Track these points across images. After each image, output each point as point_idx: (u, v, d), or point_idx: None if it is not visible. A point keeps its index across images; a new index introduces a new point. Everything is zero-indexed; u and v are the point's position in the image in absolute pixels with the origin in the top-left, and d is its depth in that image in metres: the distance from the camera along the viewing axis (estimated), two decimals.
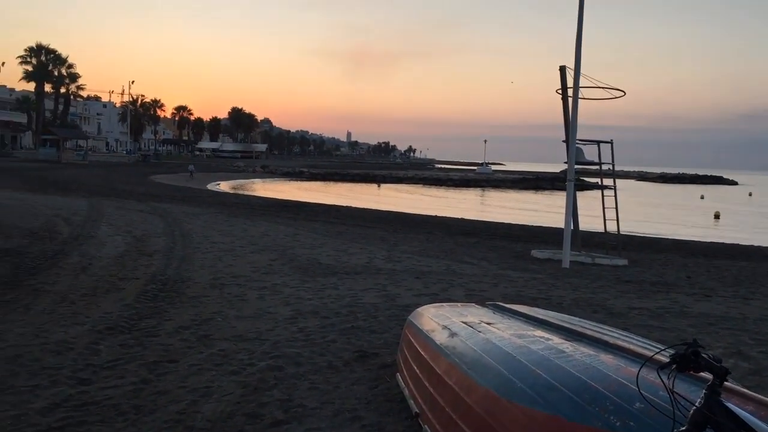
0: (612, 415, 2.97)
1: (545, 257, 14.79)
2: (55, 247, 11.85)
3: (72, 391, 4.89)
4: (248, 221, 19.60)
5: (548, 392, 3.32)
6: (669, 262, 15.60)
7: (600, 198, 16.08)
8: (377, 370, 5.72)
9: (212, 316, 7.41)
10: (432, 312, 5.52)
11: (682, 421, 2.22)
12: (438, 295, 9.11)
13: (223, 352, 6.05)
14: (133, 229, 15.32)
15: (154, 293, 8.48)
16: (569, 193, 14.18)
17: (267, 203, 31.49)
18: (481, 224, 26.43)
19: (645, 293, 10.30)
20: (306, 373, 5.55)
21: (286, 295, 8.73)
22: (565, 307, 8.60)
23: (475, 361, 3.98)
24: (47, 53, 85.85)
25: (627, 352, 3.72)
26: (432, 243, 16.96)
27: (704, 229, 31.45)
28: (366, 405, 4.86)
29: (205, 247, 13.11)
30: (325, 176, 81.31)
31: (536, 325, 4.65)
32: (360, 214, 27.94)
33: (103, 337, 6.33)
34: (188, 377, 5.33)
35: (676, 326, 7.85)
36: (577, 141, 14.49)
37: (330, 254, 12.98)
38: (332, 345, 6.42)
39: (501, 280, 10.93)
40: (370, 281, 10.09)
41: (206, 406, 4.70)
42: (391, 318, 7.66)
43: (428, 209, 35.13)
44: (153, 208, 22.78)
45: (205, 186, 49.66)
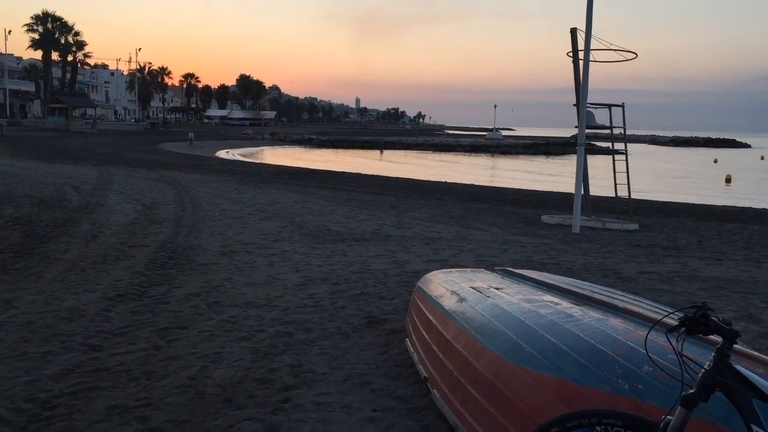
0: (620, 379, 2.97)
1: (555, 222, 14.74)
2: (65, 216, 11.90)
3: (84, 357, 4.93)
4: (257, 189, 19.61)
5: (557, 357, 3.31)
6: (680, 226, 15.51)
7: (611, 162, 15.95)
8: (386, 335, 5.73)
9: (222, 283, 7.43)
10: (441, 277, 5.52)
11: (691, 384, 2.20)
12: (448, 261, 9.10)
13: (233, 319, 6.08)
14: (143, 197, 15.36)
15: (163, 261, 8.52)
16: (579, 158, 14.06)
17: (276, 170, 31.46)
18: (491, 190, 26.35)
19: (655, 257, 10.26)
20: (315, 339, 5.57)
21: (295, 262, 8.75)
22: (575, 272, 8.58)
23: (484, 326, 3.98)
24: (53, 21, 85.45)
25: (636, 315, 3.70)
26: (442, 209, 16.92)
27: (716, 193, 31.22)
28: (375, 370, 4.88)
29: (215, 214, 13.13)
30: (334, 143, 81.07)
31: (545, 289, 4.63)
32: (369, 181, 27.89)
33: (114, 304, 6.38)
34: (198, 343, 5.37)
35: (686, 290, 7.82)
36: (588, 105, 14.32)
37: (339, 221, 12.98)
38: (342, 311, 6.44)
39: (511, 245, 10.91)
40: (380, 247, 10.10)
41: (217, 372, 4.74)
42: (400, 284, 7.67)
43: (438, 175, 35.00)
44: (162, 176, 22.81)
45: (214, 153, 49.66)
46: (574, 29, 14.79)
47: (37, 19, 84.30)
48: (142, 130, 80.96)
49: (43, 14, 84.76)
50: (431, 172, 38.87)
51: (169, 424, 3.89)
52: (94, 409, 4.06)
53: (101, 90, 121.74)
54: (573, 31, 14.79)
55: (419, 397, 4.35)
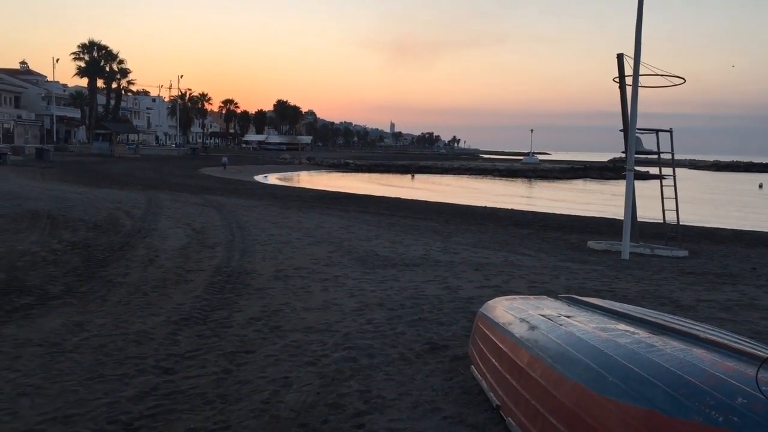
0: (713, 410, 2.95)
1: (602, 248, 14.60)
2: (120, 240, 12.19)
3: (158, 380, 5.05)
4: (301, 213, 19.82)
5: (642, 386, 3.30)
6: (731, 253, 15.25)
7: (658, 188, 15.80)
8: (449, 362, 5.75)
9: (280, 308, 7.53)
10: (506, 304, 5.53)
11: None
12: (500, 287, 9.09)
13: (296, 343, 6.16)
14: (192, 222, 15.64)
15: (221, 285, 8.67)
16: (629, 183, 13.96)
17: (317, 195, 31.76)
18: (531, 215, 26.20)
19: (711, 285, 10.10)
20: (380, 364, 5.62)
21: (349, 287, 8.83)
22: (631, 299, 8.50)
23: (561, 355, 3.98)
24: (99, 49, 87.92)
25: (719, 346, 3.67)
26: (485, 234, 16.90)
27: (764, 219, 30.59)
28: (444, 397, 4.90)
29: (263, 239, 13.31)
30: (370, 167, 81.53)
31: (617, 318, 4.62)
32: (408, 205, 27.98)
33: (180, 328, 6.51)
34: (266, 367, 5.45)
35: (748, 319, 7.69)
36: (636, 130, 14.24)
37: (386, 246, 13.05)
38: (402, 337, 6.48)
39: (561, 272, 10.85)
40: (430, 273, 10.13)
41: (288, 396, 4.81)
42: (456, 310, 7.68)
43: (477, 200, 34.95)
44: (207, 200, 23.21)
45: (253, 178, 50.34)
46: (621, 55, 14.76)
47: (83, 48, 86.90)
48: (183, 155, 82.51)
49: (89, 43, 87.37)
50: (470, 197, 38.85)
51: None
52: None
53: (143, 116, 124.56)
54: (620, 56, 14.77)
55: (492, 425, 4.36)
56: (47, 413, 4.38)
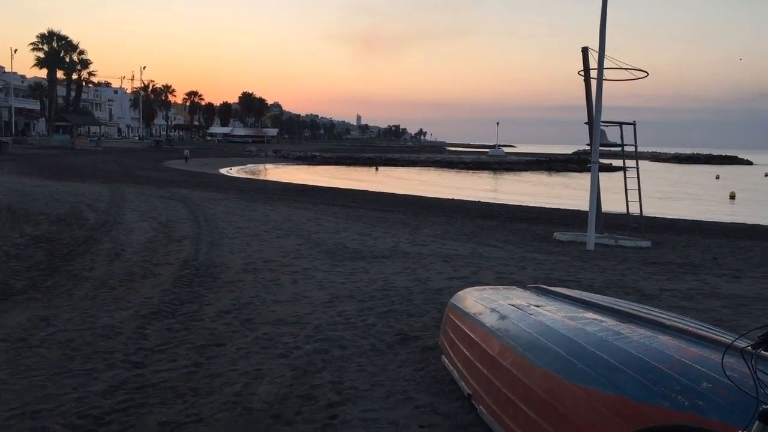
0: (679, 395, 3.04)
1: (568, 240, 14.81)
2: (84, 233, 12.00)
3: (128, 374, 5.00)
4: (268, 206, 19.71)
5: (611, 373, 3.38)
6: (692, 243, 15.59)
7: (621, 180, 16.07)
8: (420, 352, 5.80)
9: (250, 301, 7.51)
10: (476, 295, 5.60)
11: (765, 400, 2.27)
12: (469, 279, 9.18)
13: (267, 336, 6.16)
14: (158, 215, 15.46)
15: (189, 278, 8.60)
16: (594, 175, 14.17)
17: (284, 187, 31.60)
18: (498, 207, 26.44)
19: (673, 275, 10.33)
20: (351, 356, 5.64)
21: (319, 279, 8.83)
22: (597, 289, 8.65)
23: (531, 343, 4.05)
24: (59, 40, 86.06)
25: (685, 333, 3.77)
26: (453, 226, 17.00)
27: (722, 210, 31.31)
28: (416, 386, 4.95)
29: (231, 232, 13.23)
30: (337, 160, 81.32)
31: (585, 307, 4.71)
32: (376, 198, 28.02)
33: (149, 322, 6.45)
34: (238, 360, 5.44)
35: (709, 307, 7.89)
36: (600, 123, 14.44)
37: (355, 238, 13.06)
38: (373, 328, 6.51)
39: (528, 263, 10.99)
40: (399, 265, 10.17)
41: (261, 388, 4.80)
42: (426, 301, 7.74)
43: (444, 192, 35.13)
44: (172, 193, 22.94)
45: (219, 171, 49.87)
46: (585, 48, 14.95)
47: (42, 38, 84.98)
48: (147, 147, 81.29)
49: (48, 33, 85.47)
50: (437, 189, 39.02)
51: None
52: (147, 426, 4.13)
53: (105, 108, 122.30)
54: (585, 50, 14.96)
55: (464, 414, 4.42)
56: (15, 409, 4.31)
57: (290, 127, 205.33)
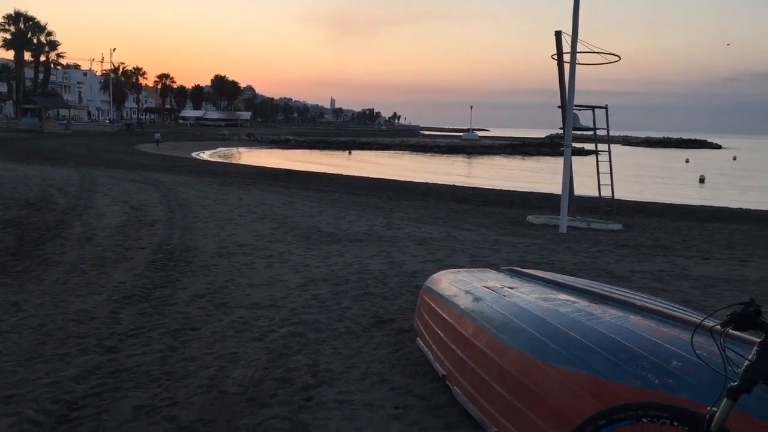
0: (650, 374, 3.09)
1: (541, 223, 14.94)
2: (55, 218, 11.83)
3: (101, 359, 4.96)
4: (242, 190, 19.59)
5: (583, 353, 3.43)
6: (662, 226, 15.82)
7: (593, 164, 16.21)
8: (395, 334, 5.83)
9: (225, 285, 7.48)
10: (450, 277, 5.63)
11: (733, 378, 2.32)
12: (443, 261, 9.22)
13: (242, 319, 6.14)
14: (129, 199, 15.29)
15: (162, 262, 8.53)
16: (567, 159, 14.28)
17: (258, 171, 31.40)
18: (472, 190, 26.58)
19: (644, 257, 10.48)
20: (327, 338, 5.65)
21: (294, 263, 8.81)
22: (569, 271, 8.75)
23: (505, 324, 4.09)
24: (26, 21, 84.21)
25: (655, 313, 3.84)
26: (427, 210, 17.06)
27: (692, 193, 31.80)
28: (391, 368, 4.97)
29: (204, 216, 13.13)
30: (311, 144, 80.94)
31: (558, 288, 4.76)
32: (351, 182, 27.99)
33: (122, 306, 6.39)
34: (213, 344, 5.42)
35: (679, 288, 8.03)
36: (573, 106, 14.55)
37: (329, 222, 13.05)
38: (348, 311, 6.52)
39: (502, 245, 11.07)
40: (374, 248, 10.19)
41: (236, 372, 4.80)
42: (401, 284, 7.77)
43: (418, 176, 35.18)
44: (144, 177, 22.69)
45: (192, 154, 49.36)
46: (558, 32, 15.00)
47: (9, 19, 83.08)
48: (117, 131, 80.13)
49: (15, 14, 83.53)
50: (411, 173, 39.06)
51: (198, 424, 3.95)
52: (121, 410, 4.11)
53: (74, 90, 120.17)
54: (558, 33, 15.01)
55: (439, 395, 4.46)
56: None
57: (263, 111, 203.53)
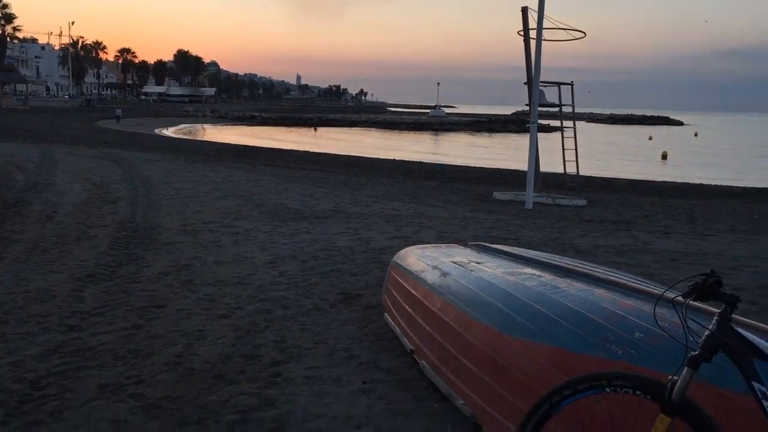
0: (613, 345, 3.15)
1: (508, 199, 15.06)
2: (14, 195, 11.55)
3: (64, 338, 4.88)
4: (207, 167, 19.36)
5: (549, 326, 3.48)
6: (626, 201, 16.07)
7: (559, 140, 16.36)
8: (363, 310, 5.84)
9: (191, 262, 7.39)
10: (418, 253, 5.65)
11: (693, 347, 2.37)
12: (411, 238, 9.25)
13: (208, 297, 6.09)
14: (91, 176, 15.01)
15: (126, 240, 8.40)
16: (533, 135, 14.38)
17: (223, 148, 31.07)
18: (439, 167, 26.66)
19: (607, 232, 10.64)
20: (294, 315, 5.64)
21: (260, 240, 8.76)
22: (535, 246, 8.83)
23: (472, 299, 4.12)
24: None
25: (619, 286, 3.90)
26: (394, 187, 17.08)
27: (655, 169, 32.31)
28: (359, 344, 4.99)
29: (169, 193, 12.95)
30: (277, 120, 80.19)
31: (524, 263, 4.81)
32: (318, 159, 27.87)
33: (85, 285, 6.29)
34: (179, 321, 5.37)
35: (641, 262, 8.17)
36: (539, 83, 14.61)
37: (296, 199, 12.98)
38: (315, 288, 6.51)
39: (469, 222, 11.14)
40: (342, 225, 10.17)
41: (202, 349, 4.76)
42: (368, 260, 7.77)
43: (385, 153, 35.14)
44: (105, 154, 22.30)
45: (155, 131, 48.58)
46: (525, 8, 15.03)
47: None
48: (78, 107, 78.35)
49: None
50: (378, 150, 38.99)
51: (165, 401, 3.92)
52: (85, 388, 4.05)
53: (32, 65, 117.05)
54: (524, 9, 15.03)
55: (406, 369, 4.48)
56: None
57: (228, 87, 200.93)
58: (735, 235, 10.74)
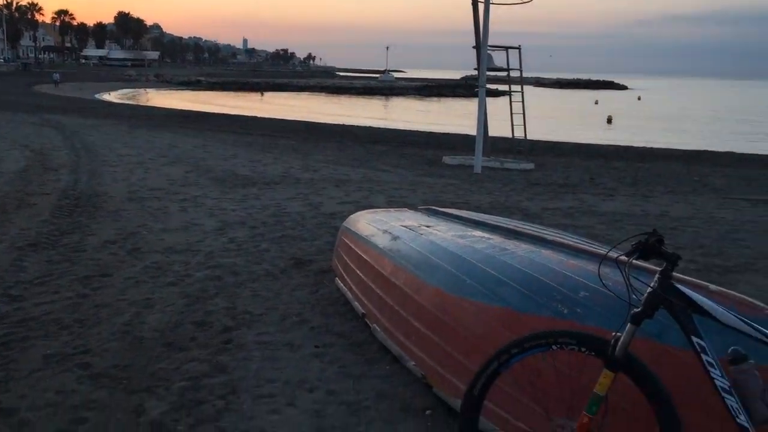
0: (559, 304, 3.22)
1: (457, 163, 15.16)
2: None
3: (7, 308, 4.75)
4: (152, 133, 18.92)
5: (497, 287, 3.53)
6: (571, 164, 16.36)
7: (506, 104, 16.48)
8: (314, 275, 5.84)
9: (137, 230, 7.25)
10: (368, 217, 5.65)
11: (636, 304, 2.45)
12: (361, 203, 9.24)
13: (156, 265, 5.99)
14: (30, 143, 14.52)
15: (69, 208, 8.18)
16: (481, 100, 14.44)
17: (169, 114, 30.36)
18: (388, 132, 26.61)
19: (554, 194, 10.84)
20: (245, 281, 5.60)
21: (209, 207, 8.64)
22: (483, 210, 8.93)
23: (422, 262, 4.15)
24: None
25: (565, 247, 3.98)
26: (344, 152, 17.00)
27: (600, 133, 32.91)
28: (310, 309, 4.99)
29: (113, 159, 12.63)
30: (223, 85, 78.65)
31: (474, 226, 4.86)
32: (266, 124, 27.52)
33: (27, 254, 6.12)
34: (126, 290, 5.28)
35: (587, 224, 8.36)
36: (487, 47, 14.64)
37: (245, 165, 12.82)
38: (266, 254, 6.47)
39: (419, 186, 11.19)
40: (292, 190, 10.10)
41: (151, 317, 4.70)
42: (319, 226, 7.75)
43: (335, 118, 34.88)
44: (45, 120, 21.58)
45: (97, 96, 47.14)
46: None
47: None
48: (13, 71, 75.30)
49: None
50: (328, 115, 38.66)
51: (113, 369, 3.86)
52: (30, 359, 3.96)
53: None
54: None
55: (358, 332, 4.52)
56: None
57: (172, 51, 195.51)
58: (676, 197, 11.07)
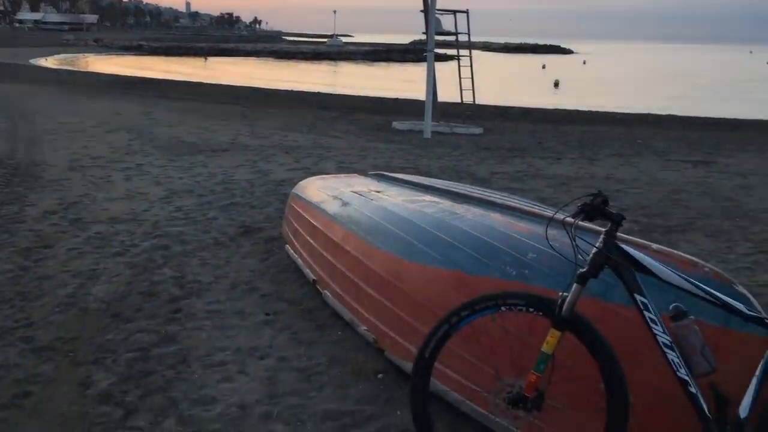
0: (508, 266, 3.26)
1: (406, 129, 15.14)
2: None
3: None
4: (94, 100, 18.38)
5: (447, 251, 3.55)
6: (520, 129, 16.51)
7: (455, 69, 16.46)
8: (264, 243, 5.79)
9: (79, 200, 7.06)
10: (318, 184, 5.61)
11: (581, 265, 2.49)
12: (310, 169, 9.17)
13: (100, 235, 5.85)
14: None
15: (6, 178, 7.92)
16: (430, 64, 14.39)
17: (110, 80, 29.47)
18: (337, 98, 26.39)
19: (503, 159, 10.94)
20: (193, 250, 5.52)
21: (154, 175, 8.45)
22: (433, 174, 8.98)
23: (373, 228, 4.15)
24: None
25: (513, 210, 4.02)
26: (293, 118, 16.80)
27: (547, 97, 33.24)
28: (260, 276, 4.96)
29: (52, 127, 12.23)
30: (166, 50, 76.53)
31: (423, 190, 4.86)
32: (213, 90, 27.01)
33: None
34: (69, 261, 5.15)
35: (534, 187, 8.48)
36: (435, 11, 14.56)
37: (192, 132, 12.56)
38: (214, 222, 6.38)
39: (369, 152, 11.15)
40: (240, 158, 9.95)
41: (96, 288, 4.60)
42: (268, 193, 7.67)
43: (283, 84, 34.37)
44: None
45: (31, 61, 45.37)
46: None
47: None
48: None
49: None
50: (276, 81, 38.06)
51: (58, 342, 3.78)
52: None
53: None
54: None
55: (309, 299, 4.51)
56: None
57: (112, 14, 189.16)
58: (620, 159, 11.29)
